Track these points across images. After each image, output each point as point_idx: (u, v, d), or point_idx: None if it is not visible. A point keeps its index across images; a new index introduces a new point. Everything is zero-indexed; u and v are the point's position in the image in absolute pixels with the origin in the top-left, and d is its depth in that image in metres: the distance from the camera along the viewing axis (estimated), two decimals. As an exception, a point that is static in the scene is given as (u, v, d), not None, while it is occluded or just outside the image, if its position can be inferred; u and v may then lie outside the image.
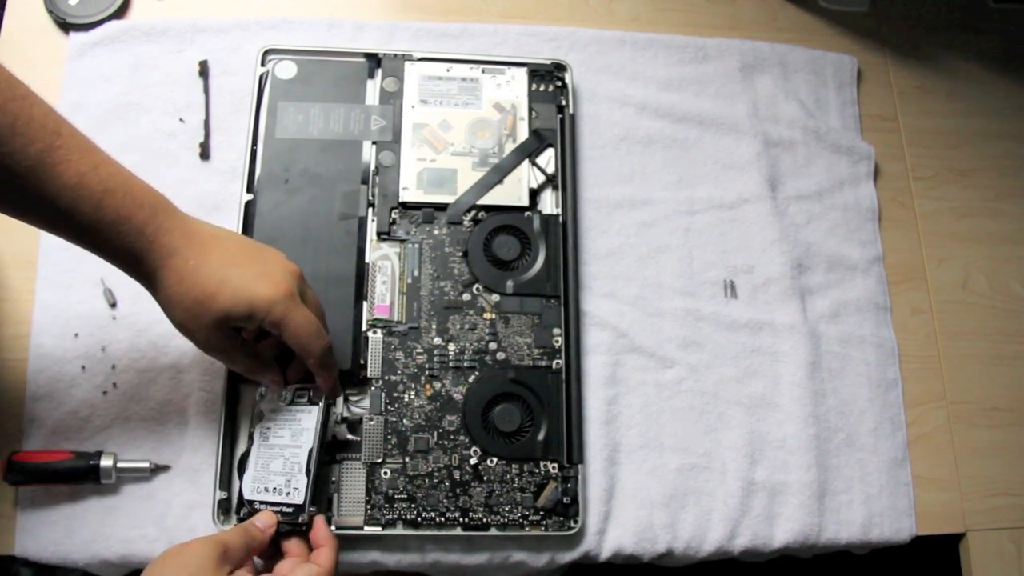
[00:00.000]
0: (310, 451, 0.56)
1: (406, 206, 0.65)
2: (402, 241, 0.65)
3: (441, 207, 0.65)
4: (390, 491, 0.59)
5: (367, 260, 0.64)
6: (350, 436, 0.60)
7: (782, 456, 0.65)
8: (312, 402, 0.58)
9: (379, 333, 0.62)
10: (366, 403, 0.60)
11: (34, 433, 0.59)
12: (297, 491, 0.55)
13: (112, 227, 0.47)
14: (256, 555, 0.52)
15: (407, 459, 0.60)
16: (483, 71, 0.70)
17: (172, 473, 0.59)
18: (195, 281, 0.49)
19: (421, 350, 0.62)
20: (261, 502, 0.56)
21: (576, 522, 0.60)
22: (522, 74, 0.70)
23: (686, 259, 0.69)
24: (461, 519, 0.59)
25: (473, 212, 0.66)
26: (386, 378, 0.61)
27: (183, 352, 0.62)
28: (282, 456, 0.57)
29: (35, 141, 0.45)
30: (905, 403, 0.68)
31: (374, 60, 0.69)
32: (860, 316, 0.70)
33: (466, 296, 0.64)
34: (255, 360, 0.55)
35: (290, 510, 0.55)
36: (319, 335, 0.53)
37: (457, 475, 0.60)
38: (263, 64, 0.68)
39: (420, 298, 0.63)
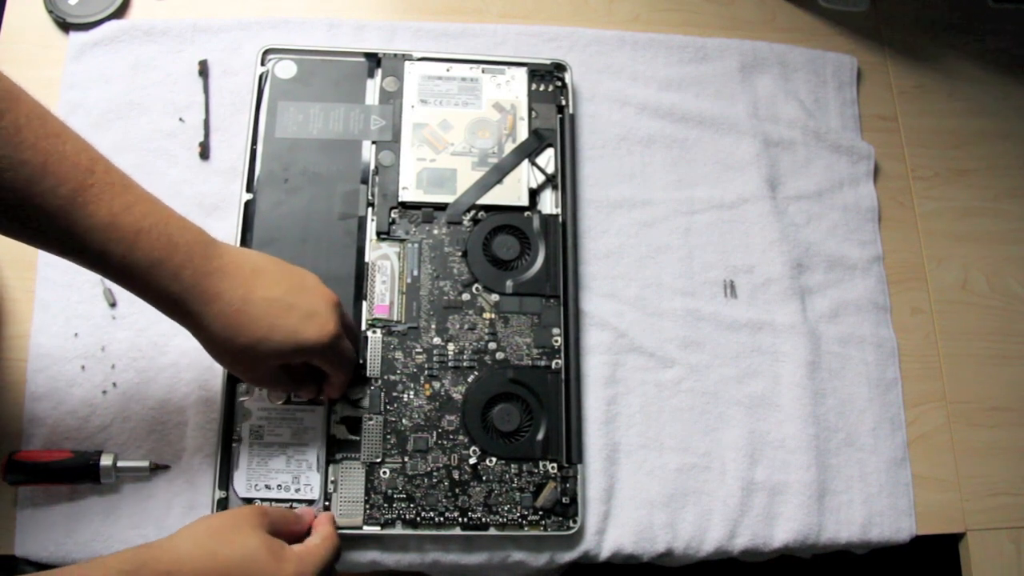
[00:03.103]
0: (319, 448, 0.58)
1: (406, 206, 0.65)
2: (402, 241, 0.65)
3: (441, 207, 0.66)
4: (389, 491, 0.59)
5: (367, 260, 0.64)
6: (350, 436, 0.60)
7: (782, 456, 0.65)
8: (314, 401, 0.59)
9: (378, 333, 0.62)
10: (365, 403, 0.61)
11: (34, 433, 0.59)
12: (310, 487, 0.58)
13: (146, 270, 0.46)
14: (290, 540, 0.53)
15: (406, 459, 0.60)
16: (483, 71, 0.70)
17: (172, 473, 0.59)
18: (242, 325, 0.48)
19: (420, 350, 0.62)
20: (264, 499, 0.57)
21: (575, 522, 0.60)
22: (522, 74, 0.70)
23: (686, 259, 0.69)
24: (460, 519, 0.59)
25: (473, 212, 0.66)
26: (385, 378, 0.61)
27: (183, 352, 0.62)
28: (284, 454, 0.58)
29: (67, 180, 0.44)
30: (905, 403, 0.68)
31: (374, 60, 0.69)
32: (860, 316, 0.70)
33: (466, 296, 0.64)
34: (295, 382, 0.56)
35: (303, 506, 0.57)
36: (352, 362, 0.57)
37: (456, 475, 0.60)
38: (263, 64, 0.68)
39: (419, 298, 0.63)
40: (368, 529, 0.58)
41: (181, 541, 0.46)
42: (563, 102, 0.70)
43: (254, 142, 0.65)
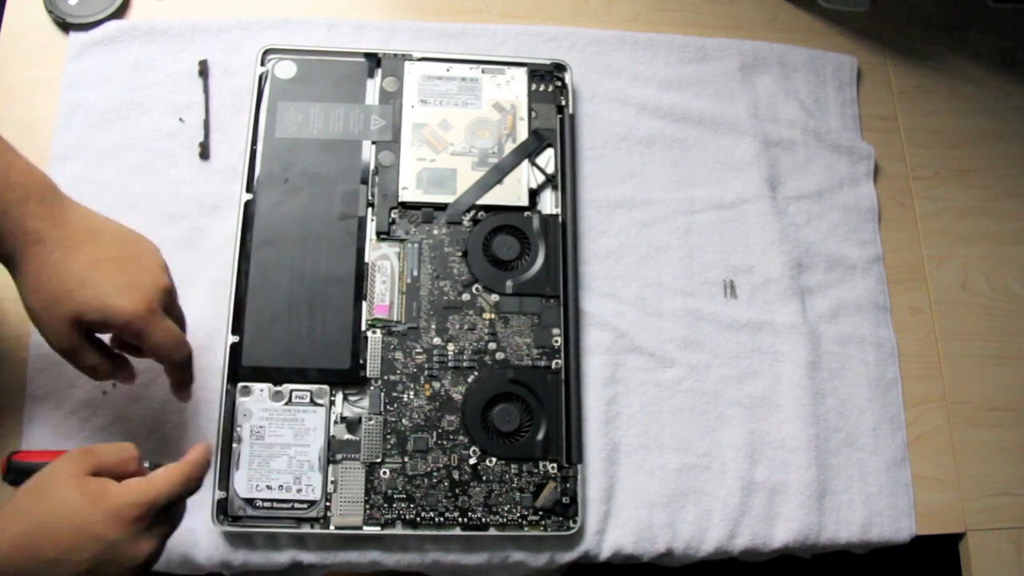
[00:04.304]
0: (320, 449, 0.58)
1: (406, 206, 0.65)
2: (401, 241, 0.65)
3: (441, 207, 0.66)
4: (389, 491, 0.59)
5: (367, 260, 0.64)
6: (349, 436, 0.60)
7: (782, 456, 0.65)
8: (314, 403, 0.59)
9: (378, 333, 0.62)
10: (365, 403, 0.61)
11: (34, 433, 0.59)
12: (311, 488, 0.58)
13: None
14: (125, 475, 0.49)
15: (406, 459, 0.60)
16: (483, 71, 0.70)
17: (172, 473, 0.59)
18: (55, 274, 0.48)
19: (420, 350, 0.62)
20: (265, 500, 0.57)
21: (575, 522, 0.60)
22: (522, 74, 0.70)
23: (686, 259, 0.69)
24: (460, 519, 0.59)
25: (473, 212, 0.66)
26: (385, 378, 0.61)
27: (183, 352, 0.62)
28: (285, 455, 0.58)
29: None
30: (905, 403, 0.68)
31: (374, 60, 0.69)
32: (860, 316, 0.70)
33: (465, 296, 0.64)
34: (103, 363, 0.52)
35: (304, 506, 0.57)
36: (180, 347, 0.52)
37: (456, 475, 0.60)
38: (263, 64, 0.68)
39: (419, 298, 0.63)
40: (368, 529, 0.58)
41: (2, 509, 0.44)
42: (563, 102, 0.70)
43: (254, 142, 0.65)
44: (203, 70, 0.69)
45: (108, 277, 0.49)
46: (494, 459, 0.60)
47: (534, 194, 0.67)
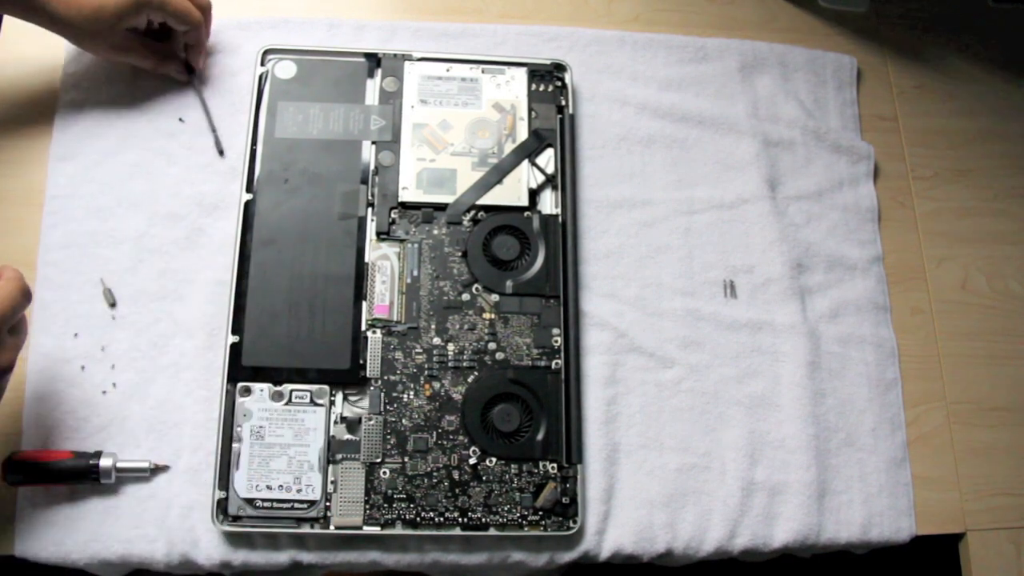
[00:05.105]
0: (320, 449, 0.58)
1: (406, 206, 0.65)
2: (401, 241, 0.65)
3: (440, 207, 0.66)
4: (389, 491, 0.59)
5: (366, 260, 0.64)
6: (349, 436, 0.60)
7: (782, 456, 0.65)
8: (314, 403, 0.59)
9: (378, 333, 0.62)
10: (365, 403, 0.61)
11: (34, 433, 0.59)
12: (311, 488, 0.58)
13: None
14: None
15: (406, 459, 0.60)
16: (483, 71, 0.70)
17: (172, 473, 0.59)
18: (81, 2, 0.60)
19: (420, 350, 0.62)
20: (265, 500, 0.57)
21: (575, 522, 0.60)
22: (522, 74, 0.70)
23: (686, 259, 0.69)
24: (460, 519, 0.59)
25: (473, 212, 0.66)
26: (385, 378, 0.61)
27: (183, 352, 0.62)
28: (285, 455, 0.58)
29: None
30: (904, 403, 0.68)
31: (374, 60, 0.69)
32: (860, 316, 0.70)
33: (465, 296, 0.64)
34: (159, 53, 0.66)
35: (304, 506, 0.57)
36: (192, 8, 0.64)
37: (456, 475, 0.60)
38: (263, 64, 0.68)
39: (419, 298, 0.63)
40: (368, 529, 0.58)
41: None
42: (563, 102, 0.70)
43: (254, 142, 0.65)
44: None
45: None
46: (494, 459, 0.60)
47: (534, 194, 0.67)
